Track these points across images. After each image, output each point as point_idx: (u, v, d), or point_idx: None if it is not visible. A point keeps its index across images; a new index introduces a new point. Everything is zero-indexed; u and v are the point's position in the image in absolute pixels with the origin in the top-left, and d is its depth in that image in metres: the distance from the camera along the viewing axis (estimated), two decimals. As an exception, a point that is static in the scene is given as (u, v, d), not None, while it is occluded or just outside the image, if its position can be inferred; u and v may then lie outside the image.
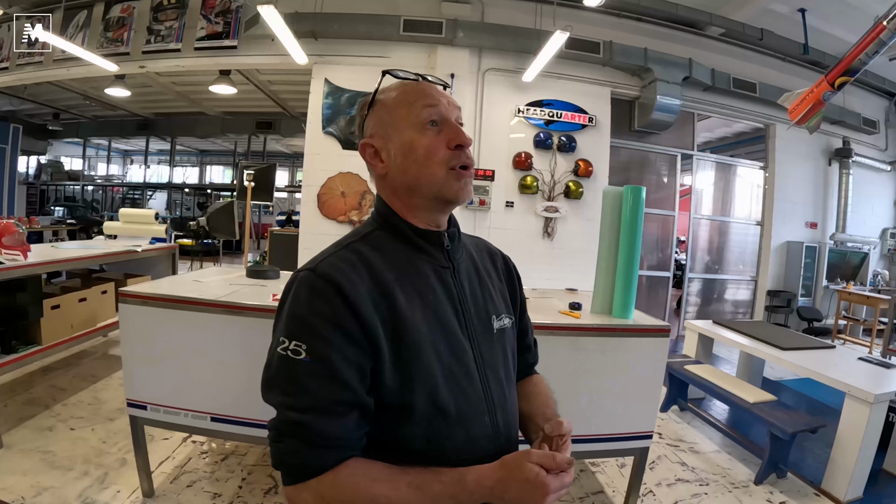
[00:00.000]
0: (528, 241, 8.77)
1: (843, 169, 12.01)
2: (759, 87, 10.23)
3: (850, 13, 9.16)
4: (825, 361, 5.08)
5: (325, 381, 1.11)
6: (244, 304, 3.35)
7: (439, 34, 8.29)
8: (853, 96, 11.94)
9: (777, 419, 4.46)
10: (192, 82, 11.97)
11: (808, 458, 4.96)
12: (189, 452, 4.22)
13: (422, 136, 1.30)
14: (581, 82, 9.14)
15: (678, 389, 6.08)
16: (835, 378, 4.51)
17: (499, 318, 1.44)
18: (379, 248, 1.31)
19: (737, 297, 11.63)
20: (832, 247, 11.91)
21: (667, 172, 10.39)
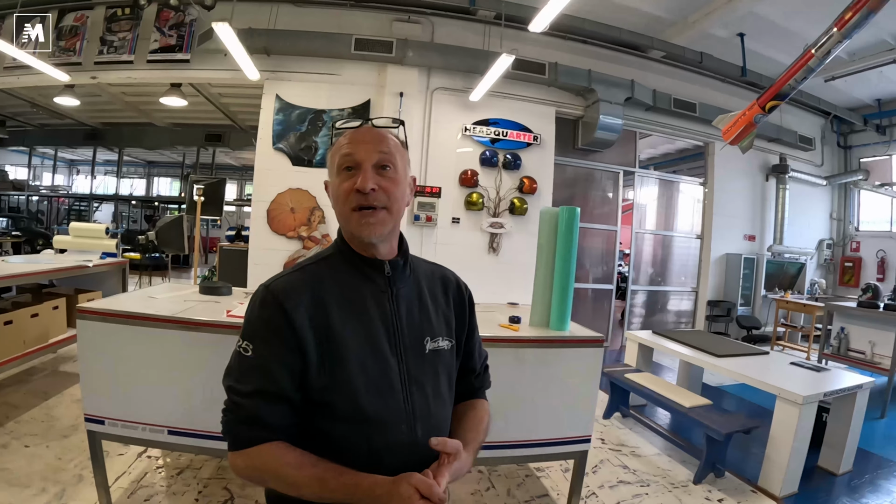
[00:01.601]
0: (475, 256, 9.03)
1: (780, 184, 12.61)
2: (698, 107, 10.69)
3: (785, 38, 9.67)
4: (758, 367, 5.41)
5: (261, 374, 1.38)
6: (199, 320, 3.48)
7: (389, 53, 8.46)
8: (790, 115, 12.54)
9: (712, 422, 4.73)
10: (143, 93, 11.84)
11: (747, 458, 5.24)
12: (145, 467, 4.26)
13: (339, 181, 1.52)
14: (527, 102, 9.42)
15: (620, 397, 6.32)
16: (766, 382, 4.84)
17: (434, 340, 1.61)
18: (329, 271, 1.54)
19: (680, 307, 12.03)
20: (770, 258, 12.46)
21: (610, 189, 10.73)
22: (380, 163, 1.51)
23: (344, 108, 8.67)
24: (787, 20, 9.35)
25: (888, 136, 13.76)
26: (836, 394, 4.85)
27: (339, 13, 8.79)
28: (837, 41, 6.19)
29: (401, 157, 1.59)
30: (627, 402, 6.32)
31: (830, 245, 14.50)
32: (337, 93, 8.73)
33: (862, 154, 14.42)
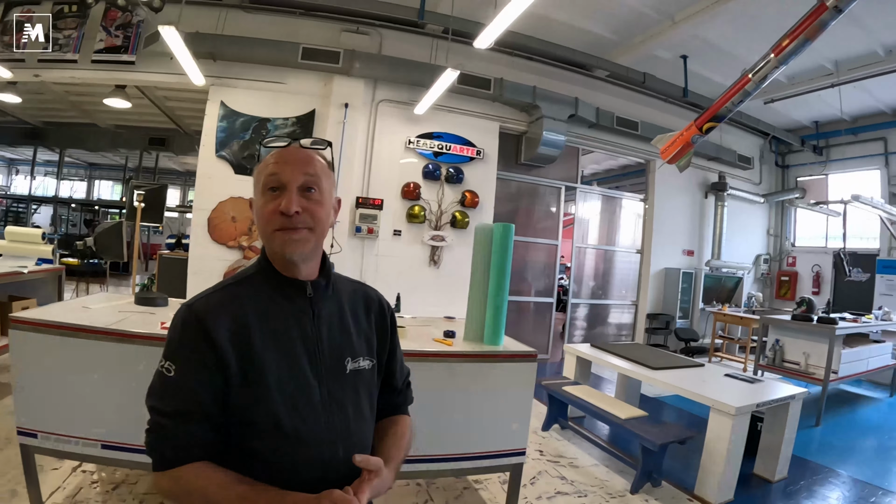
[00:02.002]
0: (415, 268, 9.09)
1: (719, 201, 12.98)
2: (640, 126, 10.95)
3: (727, 61, 9.97)
4: (694, 379, 5.54)
5: (183, 394, 1.38)
6: (134, 332, 3.42)
7: (336, 64, 8.44)
8: (730, 135, 12.96)
9: (647, 433, 4.82)
10: (87, 92, 11.50)
11: (684, 467, 5.33)
12: (80, 482, 4.14)
13: (263, 201, 1.52)
14: (471, 116, 9.51)
15: (558, 409, 6.36)
16: (700, 394, 4.96)
17: (354, 360, 1.63)
18: (251, 291, 1.55)
19: (620, 320, 12.26)
20: (708, 272, 12.79)
21: (552, 203, 10.88)
22: (305, 185, 1.52)
23: (288, 117, 8.62)
24: (728, 44, 9.67)
25: (824, 157, 14.35)
26: (770, 404, 5.01)
27: (288, 21, 8.69)
28: (774, 66, 6.36)
29: (327, 178, 1.60)
30: (566, 414, 6.37)
31: (767, 260, 15.05)
32: (282, 102, 8.67)
33: (799, 173, 15.04)
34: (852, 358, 8.38)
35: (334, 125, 8.51)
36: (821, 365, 7.76)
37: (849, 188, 12.63)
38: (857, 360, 8.56)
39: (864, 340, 9.22)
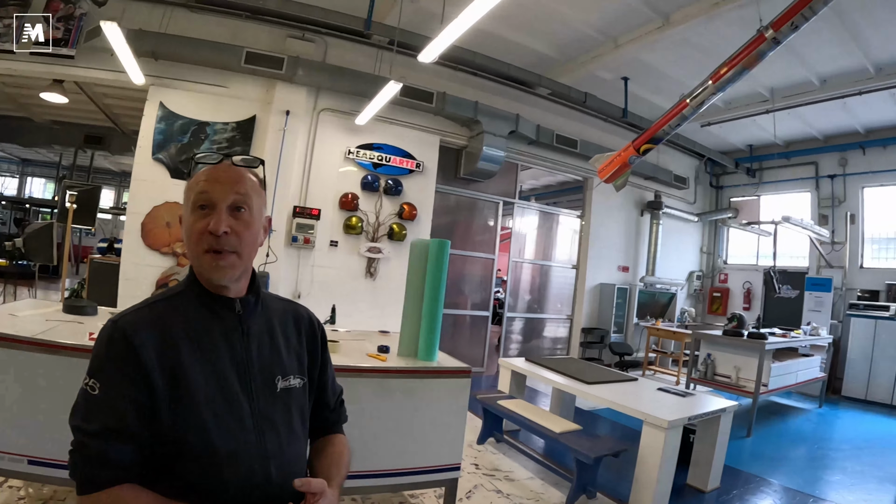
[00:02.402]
0: (351, 280, 9.06)
1: (654, 219, 13.39)
2: (579, 144, 11.20)
3: (667, 84, 10.35)
4: (627, 393, 5.68)
5: (108, 413, 1.33)
6: (61, 342, 3.28)
7: (280, 70, 8.31)
8: (667, 156, 13.36)
9: (581, 446, 4.88)
10: (23, 84, 11.09)
11: (619, 479, 5.44)
12: (5, 499, 4.03)
13: (191, 219, 1.50)
14: (412, 129, 9.55)
15: (494, 423, 6.39)
16: (634, 408, 5.07)
17: (285, 378, 1.61)
18: (179, 308, 1.52)
19: (555, 333, 12.46)
20: (642, 288, 13.14)
21: (490, 217, 11.00)
22: (235, 204, 1.52)
23: (228, 122, 8.44)
24: (669, 68, 9.98)
25: (757, 179, 14.94)
26: (701, 417, 5.17)
27: (233, 24, 8.52)
28: (712, 93, 6.57)
29: (257, 197, 1.60)
30: (501, 428, 6.42)
31: (700, 276, 15.55)
32: (223, 106, 8.48)
33: (732, 194, 15.61)
34: (782, 371, 8.76)
35: (274, 132, 8.43)
36: (751, 378, 8.05)
37: (780, 209, 13.17)
38: (787, 374, 8.96)
39: (794, 354, 9.63)
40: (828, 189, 13.45)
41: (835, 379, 11.42)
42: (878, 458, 7.15)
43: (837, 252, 12.90)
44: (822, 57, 9.36)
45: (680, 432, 4.95)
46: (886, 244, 12.75)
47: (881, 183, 12.68)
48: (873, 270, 12.55)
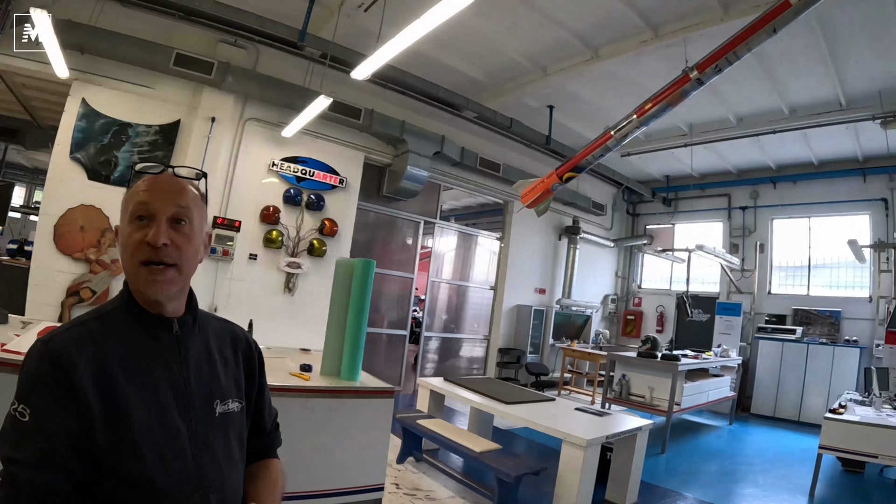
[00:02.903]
0: (270, 295, 8.86)
1: (572, 244, 13.83)
2: (502, 168, 11.47)
3: (591, 115, 10.76)
4: (545, 413, 5.79)
5: (40, 441, 1.22)
6: None
7: (209, 75, 8.06)
8: (586, 183, 13.79)
9: (501, 465, 4.95)
10: None
11: (540, 496, 5.57)
12: None
13: (130, 230, 1.41)
14: (338, 144, 9.51)
15: (413, 442, 6.41)
16: (552, 427, 5.18)
17: (223, 402, 1.53)
18: (113, 327, 1.41)
19: (472, 353, 12.62)
20: (558, 310, 13.45)
21: (410, 236, 11.09)
22: (175, 216, 1.45)
23: (151, 124, 8.10)
24: (594, 99, 10.35)
25: (673, 208, 15.60)
26: (618, 435, 5.36)
27: (165, 23, 8.07)
28: (636, 127, 6.77)
29: (199, 211, 1.53)
30: (420, 447, 6.44)
31: (615, 300, 16.10)
32: (147, 107, 8.09)
33: (648, 221, 16.34)
34: (694, 391, 9.20)
35: (198, 139, 8.17)
36: (665, 398, 8.38)
37: (694, 237, 14.19)
38: (699, 393, 9.43)
39: (705, 375, 10.10)
40: (739, 220, 14.32)
41: (744, 397, 12.12)
42: (788, 472, 7.58)
43: (747, 279, 13.67)
44: (741, 97, 9.98)
45: (598, 450, 5.13)
46: (793, 272, 13.68)
47: (790, 215, 13.70)
48: (780, 296, 13.49)
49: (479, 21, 7.91)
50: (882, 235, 11.71)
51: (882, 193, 12.17)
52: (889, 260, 11.40)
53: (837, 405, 7.03)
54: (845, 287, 12.75)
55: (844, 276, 12.74)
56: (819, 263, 13.24)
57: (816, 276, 13.23)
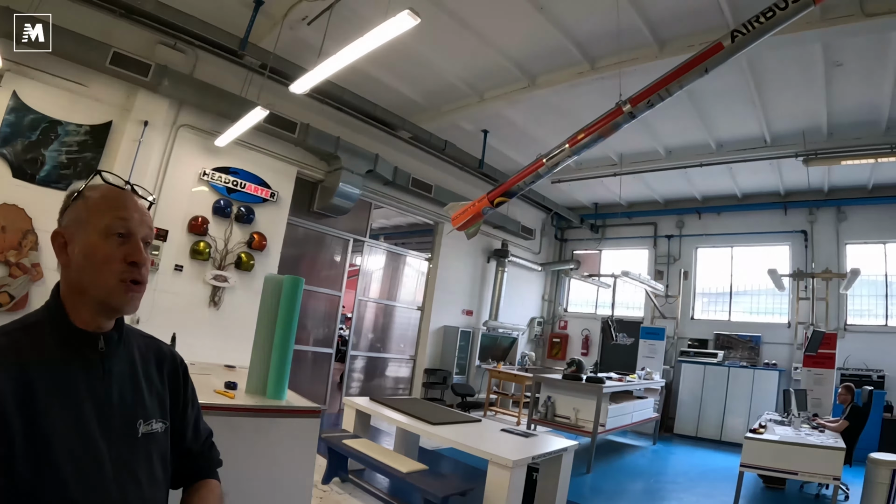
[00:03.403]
0: (195, 308, 8.57)
1: (500, 266, 14.09)
2: (434, 189, 11.61)
3: (524, 141, 11.09)
4: (472, 433, 5.83)
5: None
6: None
7: (145, 77, 7.70)
8: (516, 207, 14.04)
9: (429, 486, 4.93)
10: None
11: None
12: None
13: (105, 244, 1.38)
14: (271, 157, 9.38)
15: (338, 462, 6.33)
16: (479, 448, 5.22)
17: (147, 422, 1.49)
18: (36, 340, 1.35)
19: (398, 373, 12.63)
20: (485, 332, 13.59)
21: (338, 254, 11.05)
22: (145, 238, 1.46)
23: (82, 124, 7.70)
24: (529, 126, 10.64)
25: (600, 235, 16.17)
26: (544, 456, 5.42)
27: (105, 19, 7.72)
28: (567, 156, 6.85)
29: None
30: (346, 467, 6.39)
31: (541, 322, 16.44)
32: (79, 106, 7.66)
33: (576, 247, 16.86)
34: (618, 412, 9.51)
35: (129, 142, 7.86)
36: (589, 419, 8.59)
37: (620, 263, 14.64)
38: (623, 414, 9.76)
39: (629, 397, 10.45)
40: (665, 247, 14.97)
41: (668, 418, 12.59)
42: (711, 489, 7.87)
43: (671, 304, 14.27)
44: (671, 130, 10.52)
45: (524, 471, 5.16)
46: (715, 298, 14.44)
47: (713, 245, 14.51)
48: (703, 321, 14.19)
49: (420, 43, 8.02)
50: (801, 265, 12.59)
51: (802, 226, 13.05)
52: (807, 288, 12.10)
53: (758, 425, 7.37)
54: (765, 313, 13.53)
55: (764, 303, 13.53)
56: (740, 290, 14.03)
57: (738, 302, 14.00)
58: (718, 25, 6.94)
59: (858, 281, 10.98)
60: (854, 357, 11.48)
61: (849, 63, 7.87)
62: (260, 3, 7.56)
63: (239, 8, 7.70)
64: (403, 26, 4.96)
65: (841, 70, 8.05)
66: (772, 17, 4.60)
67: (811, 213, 12.94)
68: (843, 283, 10.99)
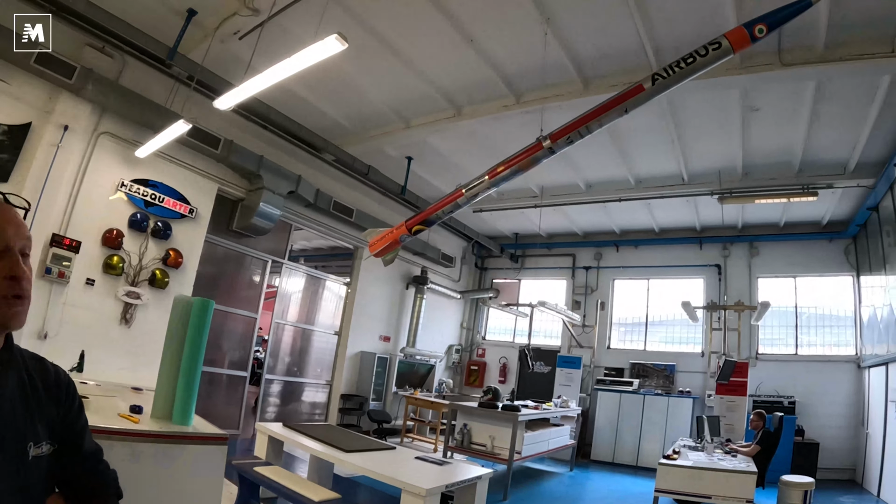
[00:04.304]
0: (105, 324, 8.15)
1: (419, 293, 14.25)
2: (355, 213, 11.74)
3: (447, 169, 11.40)
4: (385, 461, 5.79)
5: None
6: None
7: (69, 79, 7.42)
8: (437, 234, 14.34)
9: None
10: None
11: None
12: None
13: None
14: (192, 172, 9.26)
15: (250, 490, 6.11)
16: (392, 476, 5.15)
17: (38, 445, 1.45)
18: None
19: (314, 399, 12.53)
20: (402, 358, 13.73)
21: (256, 274, 10.93)
22: (23, 250, 1.41)
23: (1, 123, 7.47)
24: (453, 155, 10.94)
25: (520, 265, 16.62)
26: (458, 484, 5.43)
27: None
28: (487, 187, 6.99)
29: None
30: (258, 495, 6.16)
31: (459, 350, 16.64)
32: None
33: (495, 276, 17.22)
34: (534, 440, 9.64)
35: (47, 146, 7.49)
36: (505, 446, 8.69)
37: (539, 293, 15.28)
38: (539, 441, 9.89)
39: (546, 424, 10.68)
40: (583, 278, 15.52)
41: (584, 445, 12.93)
42: None
43: (588, 334, 14.69)
44: (592, 165, 11.01)
45: (438, 499, 5.15)
46: (631, 328, 15.07)
47: (630, 276, 15.20)
48: (619, 351, 14.78)
49: (350, 66, 8.18)
50: (714, 297, 13.35)
51: (716, 260, 13.94)
52: (720, 319, 12.62)
53: (672, 451, 7.60)
54: (680, 343, 14.24)
55: (679, 333, 14.26)
56: (656, 321, 14.70)
57: (653, 332, 14.66)
58: (642, 66, 7.36)
59: (769, 312, 11.85)
60: (766, 384, 12.31)
61: (765, 108, 8.50)
62: (193, 14, 7.48)
63: (171, 16, 7.59)
64: (330, 50, 5.05)
65: (758, 114, 8.68)
66: (692, 62, 4.87)
67: (725, 248, 13.84)
68: (755, 314, 11.65)
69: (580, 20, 7.09)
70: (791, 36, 6.64)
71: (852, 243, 12.65)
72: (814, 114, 8.40)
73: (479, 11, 7.10)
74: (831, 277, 13.02)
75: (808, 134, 8.98)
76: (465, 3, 6.99)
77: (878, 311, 10.63)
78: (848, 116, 8.42)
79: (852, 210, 11.73)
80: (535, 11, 6.85)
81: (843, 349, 12.55)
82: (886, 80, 7.36)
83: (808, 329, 13.06)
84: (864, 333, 11.98)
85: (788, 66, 7.09)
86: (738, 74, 7.36)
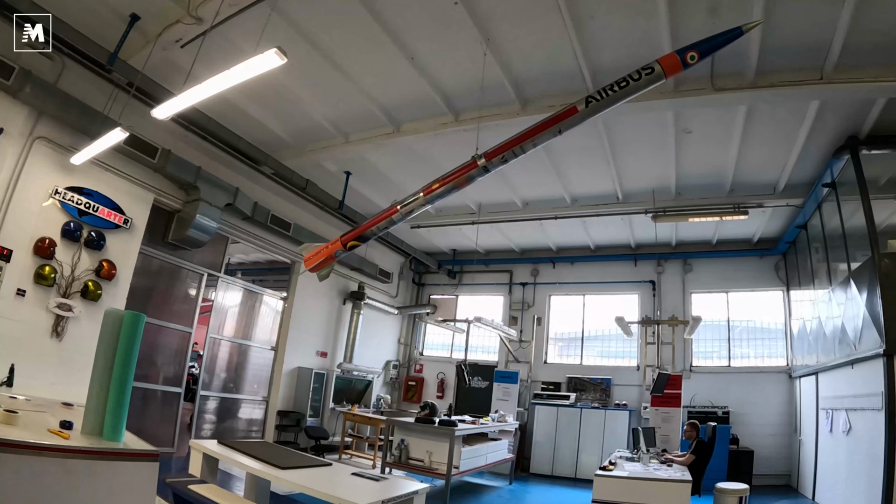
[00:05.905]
0: (35, 337, 7.81)
1: (356, 308, 14.36)
2: (293, 227, 11.83)
3: (385, 184, 11.61)
4: (321, 478, 5.72)
5: None
6: None
7: (7, 80, 7.17)
8: (375, 250, 14.61)
9: None
10: None
11: None
12: None
13: None
14: (128, 181, 9.05)
15: None
16: (328, 493, 5.09)
17: None
18: None
19: (251, 415, 12.42)
20: (339, 374, 13.75)
21: (192, 288, 10.77)
22: None
23: None
24: (391, 170, 11.15)
25: (457, 281, 16.97)
26: (395, 500, 5.37)
27: None
28: (422, 204, 7.09)
29: None
30: (193, 514, 6.16)
31: (397, 366, 16.80)
32: None
33: (433, 291, 17.42)
34: (472, 454, 9.80)
35: None
36: (443, 461, 8.84)
37: (477, 309, 15.52)
38: (477, 456, 10.05)
39: (484, 439, 10.89)
40: (520, 294, 15.95)
41: (523, 458, 13.21)
42: None
43: (525, 349, 15.06)
44: (528, 184, 11.36)
45: (380, 515, 5.32)
46: (568, 343, 15.53)
47: (566, 292, 15.70)
48: (556, 365, 15.19)
49: (290, 79, 8.32)
50: (649, 312, 13.95)
51: (650, 276, 14.51)
52: (654, 334, 13.15)
53: (608, 462, 7.80)
54: (616, 357, 14.73)
55: (615, 347, 14.76)
56: (592, 336, 15.17)
57: (589, 346, 15.13)
58: (579, 89, 7.70)
59: (703, 326, 12.36)
60: (700, 395, 12.81)
61: (698, 130, 8.97)
62: (136, 19, 7.43)
63: (114, 21, 7.49)
64: (270, 64, 5.09)
65: (690, 136, 9.15)
66: (626, 86, 5.09)
67: (659, 264, 14.41)
68: (687, 328, 12.01)
69: (520, 42, 7.39)
70: (723, 62, 6.97)
71: (782, 259, 13.38)
72: (745, 136, 8.90)
73: (421, 29, 7.34)
74: (762, 292, 13.73)
75: (739, 155, 9.50)
76: (408, 21, 7.21)
77: (808, 323, 11.33)
78: (778, 139, 8.96)
79: (782, 228, 12.45)
80: (476, 31, 7.09)
81: (775, 360, 13.25)
82: (815, 105, 7.87)
83: (740, 342, 13.73)
84: (795, 345, 12.67)
85: (720, 92, 7.51)
86: (671, 98, 7.77)
